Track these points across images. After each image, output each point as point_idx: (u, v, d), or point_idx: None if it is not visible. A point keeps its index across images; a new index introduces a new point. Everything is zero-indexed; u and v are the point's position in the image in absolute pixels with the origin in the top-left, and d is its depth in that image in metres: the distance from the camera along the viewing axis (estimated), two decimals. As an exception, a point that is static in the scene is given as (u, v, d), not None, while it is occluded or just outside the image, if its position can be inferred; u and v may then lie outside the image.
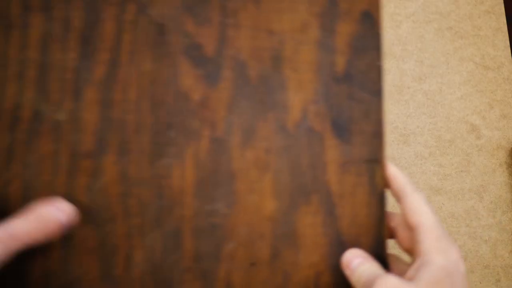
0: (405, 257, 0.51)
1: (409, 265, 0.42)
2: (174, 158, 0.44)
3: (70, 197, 0.43)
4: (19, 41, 0.45)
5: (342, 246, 0.43)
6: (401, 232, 0.43)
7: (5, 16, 0.45)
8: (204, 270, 0.42)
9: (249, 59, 0.45)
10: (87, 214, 0.43)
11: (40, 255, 0.42)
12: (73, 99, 0.44)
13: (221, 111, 0.44)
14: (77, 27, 0.45)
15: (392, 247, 0.51)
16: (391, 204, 0.48)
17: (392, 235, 0.44)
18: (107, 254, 0.42)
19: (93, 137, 0.44)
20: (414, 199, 0.41)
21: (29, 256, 0.42)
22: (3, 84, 0.44)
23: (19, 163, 0.44)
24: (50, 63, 0.45)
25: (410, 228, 0.41)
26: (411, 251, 0.42)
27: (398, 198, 0.42)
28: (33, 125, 0.44)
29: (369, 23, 0.45)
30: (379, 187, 0.43)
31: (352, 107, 0.44)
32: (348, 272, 0.41)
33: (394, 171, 0.44)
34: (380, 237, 0.43)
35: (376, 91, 0.44)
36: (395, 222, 0.44)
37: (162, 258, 0.42)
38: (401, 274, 0.42)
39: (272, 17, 0.45)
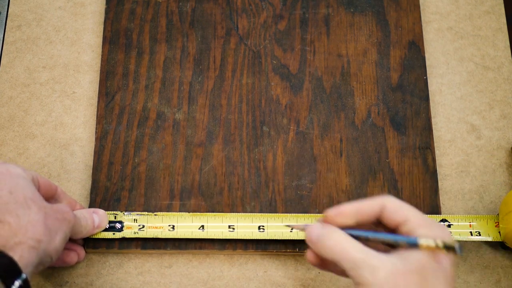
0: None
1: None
2: (267, 146, 0.56)
3: (185, 176, 0.55)
4: (148, 63, 0.59)
5: (404, 212, 0.53)
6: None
7: (139, 46, 0.60)
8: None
9: (323, 74, 0.58)
10: (199, 189, 0.54)
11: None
12: (188, 104, 0.58)
13: (303, 112, 0.57)
14: (191, 53, 0.60)
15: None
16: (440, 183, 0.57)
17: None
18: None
19: (204, 131, 0.56)
20: (392, 200, 0.41)
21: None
22: (136, 93, 0.58)
23: (145, 150, 0.56)
24: (171, 78, 0.59)
25: (395, 225, 0.40)
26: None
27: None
28: (157, 122, 0.57)
29: (415, 49, 0.59)
30: (430, 167, 0.55)
31: (405, 108, 0.57)
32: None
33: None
34: (436, 205, 0.53)
35: (423, 96, 0.57)
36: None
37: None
38: None
39: (340, 45, 0.60)
